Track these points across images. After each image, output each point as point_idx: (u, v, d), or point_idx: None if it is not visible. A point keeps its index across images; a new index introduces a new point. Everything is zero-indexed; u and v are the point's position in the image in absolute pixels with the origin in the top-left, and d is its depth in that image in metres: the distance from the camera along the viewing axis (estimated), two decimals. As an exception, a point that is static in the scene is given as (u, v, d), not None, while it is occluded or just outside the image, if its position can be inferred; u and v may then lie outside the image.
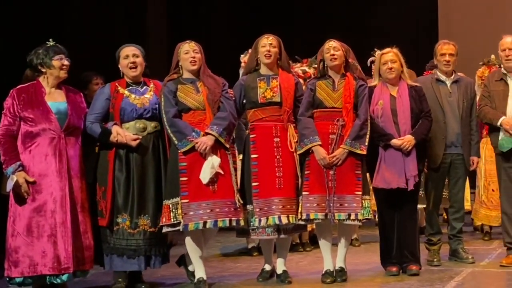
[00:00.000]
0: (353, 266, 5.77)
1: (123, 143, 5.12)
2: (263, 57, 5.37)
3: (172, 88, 5.23)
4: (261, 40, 5.42)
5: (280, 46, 5.43)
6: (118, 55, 5.35)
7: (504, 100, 5.82)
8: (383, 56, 5.61)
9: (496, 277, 5.60)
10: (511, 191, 5.85)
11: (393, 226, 5.59)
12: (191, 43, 5.30)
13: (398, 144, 5.42)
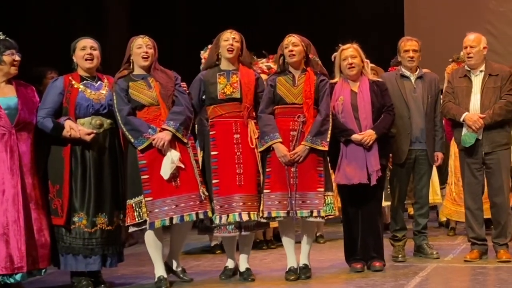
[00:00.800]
0: (318, 263, 5.74)
1: (77, 138, 4.99)
2: (226, 52, 5.30)
3: (123, 85, 5.13)
4: (223, 34, 5.35)
5: (242, 41, 5.37)
6: (74, 46, 5.22)
7: (468, 96, 5.83)
8: (343, 51, 5.56)
9: (460, 272, 5.59)
10: (474, 187, 5.86)
11: (357, 222, 5.56)
12: (144, 38, 5.21)
13: (358, 139, 5.38)
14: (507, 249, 5.84)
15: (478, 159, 5.80)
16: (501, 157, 5.80)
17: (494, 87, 5.78)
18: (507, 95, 5.75)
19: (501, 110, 5.72)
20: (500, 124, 5.77)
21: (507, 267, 5.52)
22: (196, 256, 6.60)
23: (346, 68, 5.51)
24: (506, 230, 5.84)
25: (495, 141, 5.77)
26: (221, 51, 5.33)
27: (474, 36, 5.88)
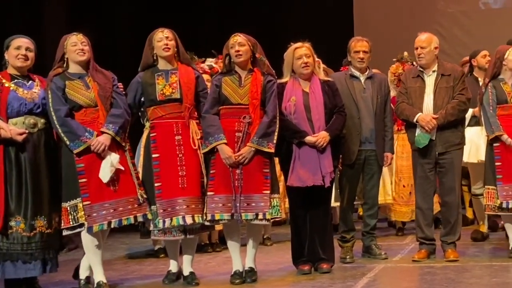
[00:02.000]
0: (264, 266, 5.67)
1: (8, 138, 4.82)
2: (162, 51, 5.19)
3: (60, 84, 4.99)
4: (156, 34, 5.23)
5: (176, 38, 5.26)
6: (9, 44, 5.04)
7: (421, 97, 5.82)
8: (297, 50, 5.46)
9: (408, 272, 5.58)
10: (426, 187, 5.84)
11: (305, 224, 5.48)
12: (78, 35, 5.07)
13: (312, 141, 5.31)
14: (455, 248, 5.84)
15: (431, 159, 5.79)
16: (454, 157, 5.80)
17: (446, 87, 5.79)
18: (460, 95, 5.76)
19: (454, 110, 5.72)
20: (453, 124, 5.77)
21: (454, 266, 5.51)
22: (139, 261, 6.47)
23: (300, 67, 5.42)
24: (456, 229, 5.85)
25: (449, 141, 5.77)
26: (156, 51, 5.21)
27: (425, 37, 5.87)
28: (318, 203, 5.44)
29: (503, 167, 5.77)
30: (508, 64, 5.84)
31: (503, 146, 5.78)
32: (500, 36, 9.58)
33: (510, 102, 5.80)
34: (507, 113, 5.80)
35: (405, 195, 7.14)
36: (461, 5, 10.54)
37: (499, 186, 5.75)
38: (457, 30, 10.39)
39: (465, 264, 5.60)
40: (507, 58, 5.85)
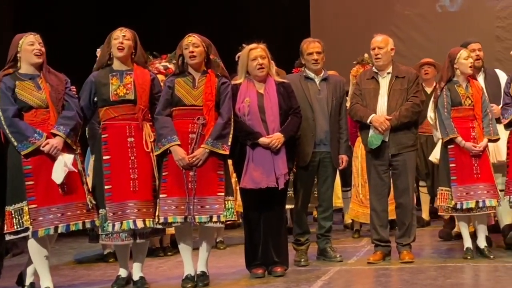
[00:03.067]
0: (217, 270, 5.60)
1: None
2: (116, 51, 5.11)
3: (10, 84, 4.87)
4: (114, 33, 5.16)
5: (135, 39, 5.18)
6: None
7: (375, 98, 5.81)
8: (252, 51, 5.40)
9: (363, 274, 5.55)
10: (380, 188, 5.84)
11: (259, 227, 5.42)
12: (36, 35, 4.97)
13: (266, 142, 5.25)
14: (410, 249, 5.84)
15: (384, 161, 5.78)
16: (407, 158, 5.79)
17: (401, 89, 5.78)
18: (414, 97, 5.76)
19: (407, 112, 5.71)
20: (407, 126, 5.76)
21: (409, 268, 5.51)
22: (87, 266, 6.34)
23: (255, 68, 5.36)
24: (411, 231, 5.84)
25: (402, 142, 5.76)
26: (112, 51, 5.13)
27: (382, 38, 5.87)
28: (272, 205, 5.37)
29: (457, 169, 5.80)
30: (460, 67, 5.86)
31: (457, 148, 5.80)
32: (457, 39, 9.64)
33: (465, 104, 5.82)
34: (461, 116, 5.83)
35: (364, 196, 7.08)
36: (418, 8, 10.59)
37: (453, 187, 5.78)
38: (414, 33, 10.43)
39: (420, 265, 5.60)
40: (458, 61, 5.87)
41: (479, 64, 6.43)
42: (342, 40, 9.69)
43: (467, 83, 5.87)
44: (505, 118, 5.80)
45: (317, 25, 10.46)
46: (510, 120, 5.77)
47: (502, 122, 5.85)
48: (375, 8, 10.53)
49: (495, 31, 10.15)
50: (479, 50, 6.50)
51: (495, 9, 10.38)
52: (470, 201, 5.72)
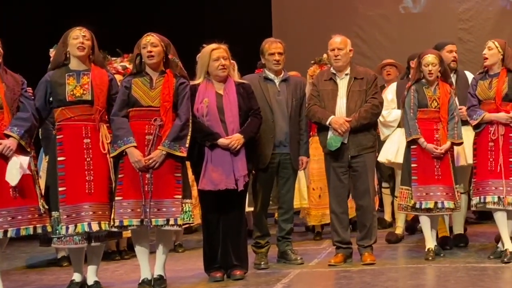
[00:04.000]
0: (175, 273, 5.51)
1: None
2: (76, 50, 5.00)
3: None
4: (72, 32, 5.05)
5: (93, 39, 5.09)
6: None
7: (333, 99, 5.76)
8: (214, 52, 5.32)
9: (324, 276, 5.50)
10: (340, 190, 5.79)
11: (218, 230, 5.34)
12: None
13: (225, 143, 5.18)
14: (371, 251, 5.82)
15: (344, 163, 5.74)
16: (367, 160, 5.76)
17: (359, 91, 5.75)
18: (372, 99, 5.74)
19: (367, 113, 5.69)
20: (366, 127, 5.73)
21: (370, 270, 5.48)
22: (39, 270, 6.19)
23: (217, 69, 5.29)
24: (371, 232, 5.81)
25: (361, 144, 5.73)
26: (70, 50, 5.03)
27: (341, 39, 5.82)
28: (231, 208, 5.30)
29: (418, 169, 5.81)
30: (424, 71, 5.86)
31: (419, 149, 5.81)
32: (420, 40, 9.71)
33: (431, 106, 5.83)
34: (427, 117, 5.84)
35: (314, 198, 7.06)
36: (381, 9, 10.57)
37: (414, 186, 5.80)
38: (377, 34, 10.42)
39: (381, 267, 5.57)
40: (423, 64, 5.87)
41: (454, 66, 6.45)
42: (305, 40, 9.63)
43: (437, 85, 5.86)
44: (474, 119, 5.78)
45: (279, 25, 10.37)
46: (479, 122, 5.75)
47: (471, 123, 5.83)
48: (338, 9, 10.49)
49: (458, 33, 10.19)
50: (456, 52, 6.52)
51: (457, 11, 10.43)
52: (429, 202, 5.76)
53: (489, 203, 5.67)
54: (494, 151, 5.69)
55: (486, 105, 5.77)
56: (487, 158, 5.72)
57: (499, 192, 5.63)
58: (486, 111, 5.73)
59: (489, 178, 5.69)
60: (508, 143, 5.68)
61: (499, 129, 5.69)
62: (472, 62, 6.80)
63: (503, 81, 5.71)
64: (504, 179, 5.62)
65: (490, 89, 5.75)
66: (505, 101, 5.71)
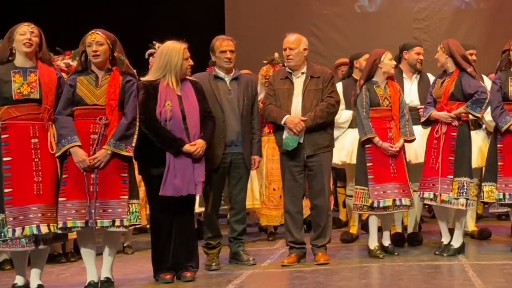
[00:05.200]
0: (123, 276, 5.41)
1: None
2: (22, 46, 4.86)
3: None
4: (20, 27, 4.91)
5: (41, 35, 4.96)
6: None
7: (289, 99, 5.70)
8: (185, 50, 5.25)
9: (276, 277, 5.43)
10: (295, 190, 5.73)
11: (167, 231, 5.22)
12: None
13: (191, 150, 5.11)
14: (325, 251, 5.76)
15: (299, 162, 5.68)
16: (323, 159, 5.70)
17: (315, 89, 5.69)
18: (329, 98, 5.69)
19: (323, 112, 5.63)
20: (322, 126, 5.67)
21: (324, 270, 5.42)
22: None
23: (187, 69, 5.24)
24: (326, 232, 5.75)
25: (317, 143, 5.67)
26: (16, 46, 4.89)
27: (294, 38, 5.76)
28: (182, 209, 5.20)
29: (374, 168, 5.80)
30: (384, 67, 5.85)
31: (374, 148, 5.80)
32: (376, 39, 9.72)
33: (383, 105, 5.82)
34: (379, 116, 5.83)
35: (275, 199, 6.95)
36: (337, 7, 10.57)
37: (370, 186, 5.79)
38: (333, 32, 10.39)
39: (335, 266, 5.52)
40: (383, 61, 5.85)
41: (419, 67, 6.48)
42: (259, 38, 9.55)
43: (386, 84, 5.87)
44: (423, 116, 5.88)
45: (232, 22, 10.26)
46: (427, 118, 5.83)
47: (421, 120, 5.91)
48: (293, 7, 10.43)
49: (413, 33, 10.23)
50: (422, 55, 6.54)
51: (412, 10, 10.48)
52: (387, 200, 5.76)
53: (426, 199, 5.84)
54: (436, 149, 5.79)
55: (438, 103, 5.85)
56: (431, 156, 5.83)
57: (435, 189, 5.74)
58: (436, 109, 5.81)
59: (429, 175, 5.81)
60: (449, 142, 5.76)
61: (442, 127, 5.77)
62: (427, 61, 6.78)
63: (453, 80, 5.78)
64: (441, 177, 5.72)
65: (441, 88, 5.83)
66: (451, 100, 5.77)
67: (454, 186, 5.67)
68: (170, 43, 5.26)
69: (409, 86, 6.41)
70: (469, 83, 5.72)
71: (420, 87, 6.37)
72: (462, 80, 5.74)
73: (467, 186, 5.68)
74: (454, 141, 5.72)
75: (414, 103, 6.34)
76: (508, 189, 5.73)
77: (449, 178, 5.68)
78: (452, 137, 5.73)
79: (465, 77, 5.75)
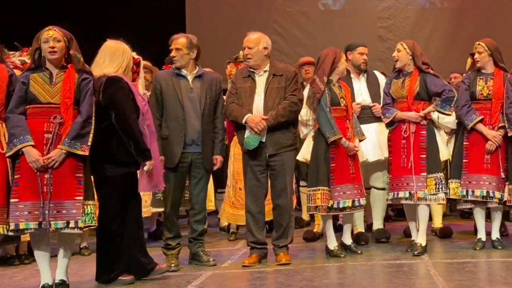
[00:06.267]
0: (79, 278, 5.29)
1: None
2: None
3: None
4: None
5: None
6: None
7: (251, 97, 5.63)
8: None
9: (237, 278, 5.34)
10: (257, 190, 5.66)
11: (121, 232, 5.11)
12: None
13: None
14: (287, 251, 5.69)
15: (261, 161, 5.61)
16: (285, 158, 5.63)
17: (278, 88, 5.61)
18: (291, 96, 5.61)
19: (285, 111, 5.56)
20: (285, 125, 5.60)
21: (285, 270, 5.36)
22: None
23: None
24: (288, 232, 5.68)
25: (280, 142, 5.60)
26: None
27: (253, 37, 5.69)
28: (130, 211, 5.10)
29: (336, 169, 5.76)
30: (340, 67, 5.84)
31: (336, 149, 5.75)
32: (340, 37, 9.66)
33: (341, 105, 5.80)
34: (338, 116, 5.80)
35: (242, 198, 6.77)
36: (300, 5, 10.51)
37: (332, 187, 5.73)
38: (296, 30, 10.33)
39: (296, 267, 5.46)
40: (341, 61, 5.84)
41: (364, 67, 6.49)
42: (221, 36, 9.41)
43: (339, 84, 5.87)
44: (387, 117, 5.87)
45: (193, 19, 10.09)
46: (391, 119, 5.82)
47: (384, 121, 5.92)
48: (255, 4, 10.36)
49: (378, 31, 10.22)
50: (366, 55, 6.55)
51: (377, 9, 10.46)
52: (347, 200, 5.74)
53: (402, 198, 5.81)
54: (406, 148, 5.79)
55: (399, 103, 5.87)
56: (400, 155, 5.81)
57: (410, 187, 5.75)
58: (398, 110, 5.83)
59: (401, 174, 5.80)
60: (419, 141, 5.80)
61: (410, 127, 5.80)
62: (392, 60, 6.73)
63: (415, 80, 5.80)
64: (415, 175, 5.74)
65: (403, 88, 5.83)
66: (416, 100, 5.81)
67: (430, 183, 5.71)
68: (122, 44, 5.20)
69: (358, 86, 6.43)
70: (435, 83, 5.79)
71: (369, 85, 6.40)
72: (427, 79, 5.78)
73: (443, 181, 5.75)
74: (424, 139, 5.77)
75: (366, 102, 6.36)
76: (472, 186, 5.83)
77: (423, 175, 5.71)
78: (421, 135, 5.77)
79: (429, 76, 5.80)
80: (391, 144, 5.88)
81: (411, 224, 5.93)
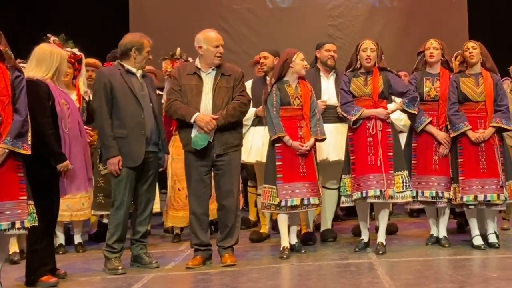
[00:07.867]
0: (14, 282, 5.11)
1: None
2: None
3: None
4: None
5: None
6: None
7: (198, 96, 5.50)
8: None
9: (180, 280, 5.23)
10: (201, 191, 5.54)
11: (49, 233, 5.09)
12: None
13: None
14: (232, 252, 5.61)
15: (208, 162, 5.51)
16: (232, 158, 5.56)
17: (227, 87, 5.54)
18: (240, 96, 5.56)
19: (235, 111, 5.49)
20: (233, 125, 5.53)
21: (230, 271, 5.28)
22: None
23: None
24: (233, 233, 5.59)
25: (227, 142, 5.52)
26: None
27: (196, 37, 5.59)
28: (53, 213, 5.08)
29: (283, 167, 5.73)
30: (295, 67, 5.81)
31: (284, 147, 5.74)
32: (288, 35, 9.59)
33: (293, 104, 5.78)
34: (289, 115, 5.78)
35: (181, 199, 6.69)
36: (248, 2, 10.40)
37: (279, 185, 5.70)
38: (244, 28, 10.21)
39: (242, 268, 5.38)
40: (295, 61, 5.81)
41: (332, 63, 6.47)
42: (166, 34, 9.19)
43: (297, 83, 5.83)
44: (352, 115, 5.76)
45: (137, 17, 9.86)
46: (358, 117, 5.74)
47: (349, 118, 5.77)
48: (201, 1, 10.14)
49: (327, 30, 10.16)
50: (334, 52, 6.51)
51: (326, 7, 10.41)
52: (295, 199, 5.69)
53: (371, 197, 5.70)
54: (373, 146, 5.74)
55: (361, 101, 5.83)
56: (367, 153, 5.75)
57: (380, 185, 5.68)
58: (362, 107, 5.76)
59: (369, 172, 5.72)
60: (386, 138, 5.77)
61: (377, 124, 5.76)
62: (341, 59, 6.68)
63: (378, 79, 5.81)
64: (384, 172, 5.68)
65: (366, 86, 5.81)
66: (380, 98, 5.81)
67: (397, 180, 5.70)
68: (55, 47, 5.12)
69: (326, 84, 6.41)
70: (398, 82, 5.88)
71: (337, 85, 6.34)
72: (390, 79, 5.84)
73: (409, 179, 5.76)
74: (391, 137, 5.77)
75: (332, 101, 6.33)
76: (421, 187, 5.88)
77: (391, 173, 5.69)
78: (388, 133, 5.78)
79: (391, 76, 5.86)
80: (354, 143, 5.79)
81: (362, 223, 5.88)
